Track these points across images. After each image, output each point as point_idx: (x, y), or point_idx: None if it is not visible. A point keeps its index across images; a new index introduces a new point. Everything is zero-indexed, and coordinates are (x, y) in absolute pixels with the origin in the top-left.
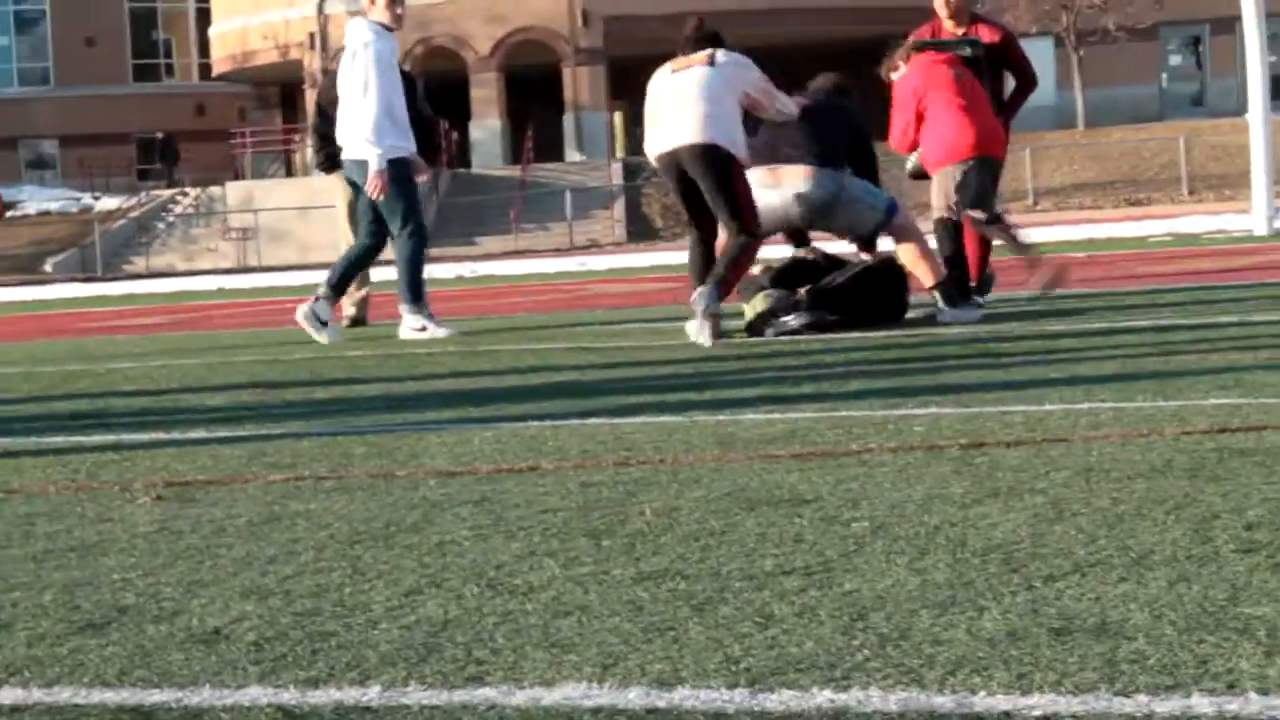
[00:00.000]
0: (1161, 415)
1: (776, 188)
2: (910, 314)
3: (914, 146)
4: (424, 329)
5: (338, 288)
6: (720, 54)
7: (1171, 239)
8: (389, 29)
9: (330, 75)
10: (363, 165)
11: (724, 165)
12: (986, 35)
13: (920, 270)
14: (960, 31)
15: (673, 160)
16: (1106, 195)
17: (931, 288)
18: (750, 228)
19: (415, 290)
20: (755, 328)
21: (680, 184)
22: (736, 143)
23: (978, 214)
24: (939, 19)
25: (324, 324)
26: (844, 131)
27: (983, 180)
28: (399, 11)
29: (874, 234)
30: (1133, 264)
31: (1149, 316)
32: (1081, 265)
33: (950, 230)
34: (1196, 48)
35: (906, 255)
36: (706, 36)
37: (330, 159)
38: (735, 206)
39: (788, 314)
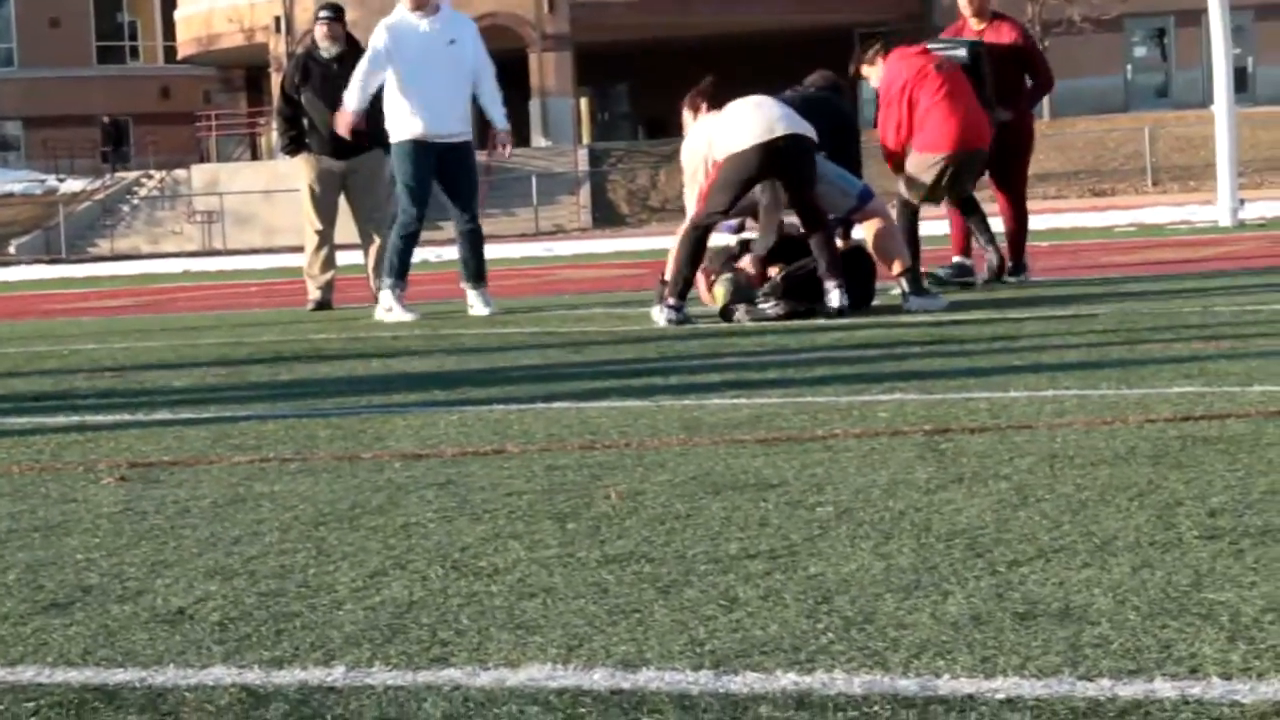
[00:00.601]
0: (1125, 403)
1: None
2: (876, 302)
3: (906, 142)
4: (390, 310)
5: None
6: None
7: (1136, 230)
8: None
9: (296, 59)
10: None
11: None
12: (1007, 34)
13: (890, 256)
14: (981, 28)
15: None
16: (1071, 186)
17: (898, 275)
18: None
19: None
20: (727, 312)
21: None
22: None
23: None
24: (964, 19)
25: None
26: (826, 120)
27: (969, 175)
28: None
29: (845, 219)
30: (1097, 254)
31: (1113, 305)
32: (1046, 255)
33: (910, 215)
34: (1161, 39)
35: (876, 241)
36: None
37: (294, 141)
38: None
39: (764, 301)
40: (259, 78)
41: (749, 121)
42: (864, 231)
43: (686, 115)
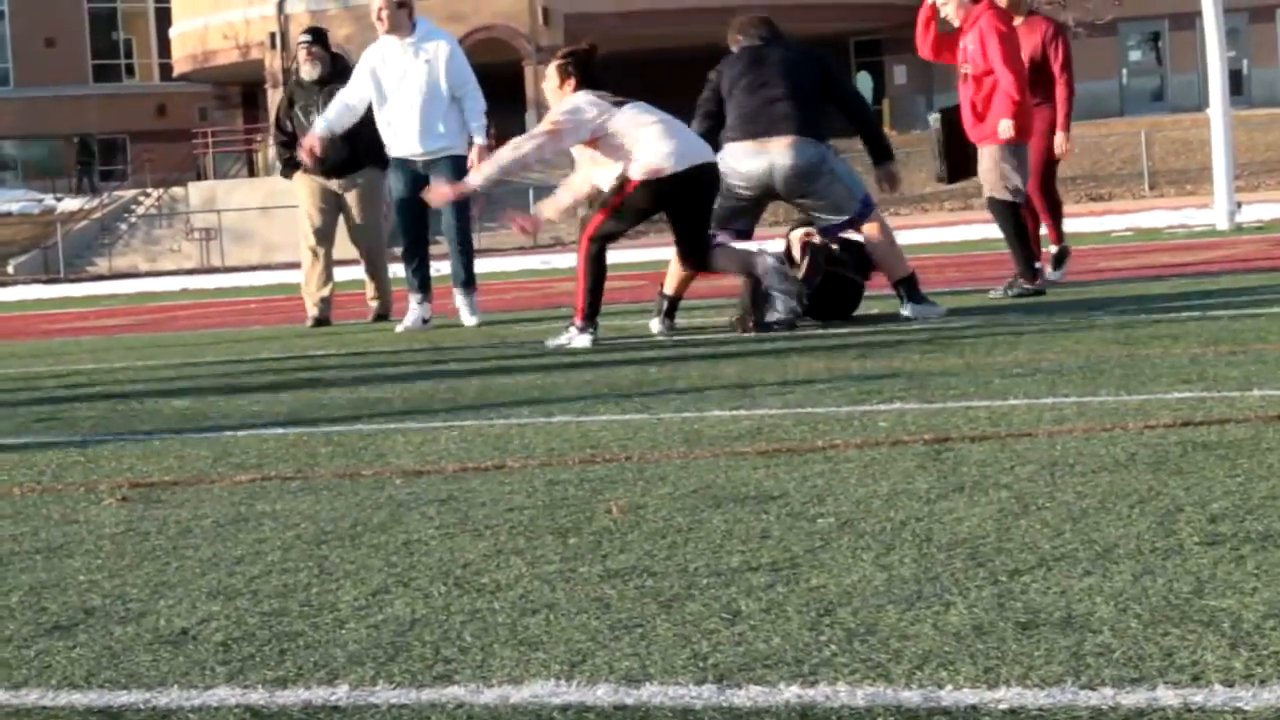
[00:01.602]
0: (1125, 409)
1: (762, 154)
2: (874, 310)
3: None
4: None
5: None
6: None
7: (1133, 234)
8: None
9: (286, 85)
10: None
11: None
12: (1041, 30)
13: (889, 265)
14: (1019, 21)
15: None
16: (1068, 191)
17: (897, 283)
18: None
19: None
20: (743, 322)
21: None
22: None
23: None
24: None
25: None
26: (822, 89)
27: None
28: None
29: (842, 227)
30: (1095, 259)
31: (1112, 311)
32: (1045, 260)
33: (1012, 210)
34: (1156, 43)
35: (878, 249)
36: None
37: (288, 164)
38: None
39: (777, 309)
40: (255, 94)
41: (671, 145)
42: (867, 238)
43: (552, 76)
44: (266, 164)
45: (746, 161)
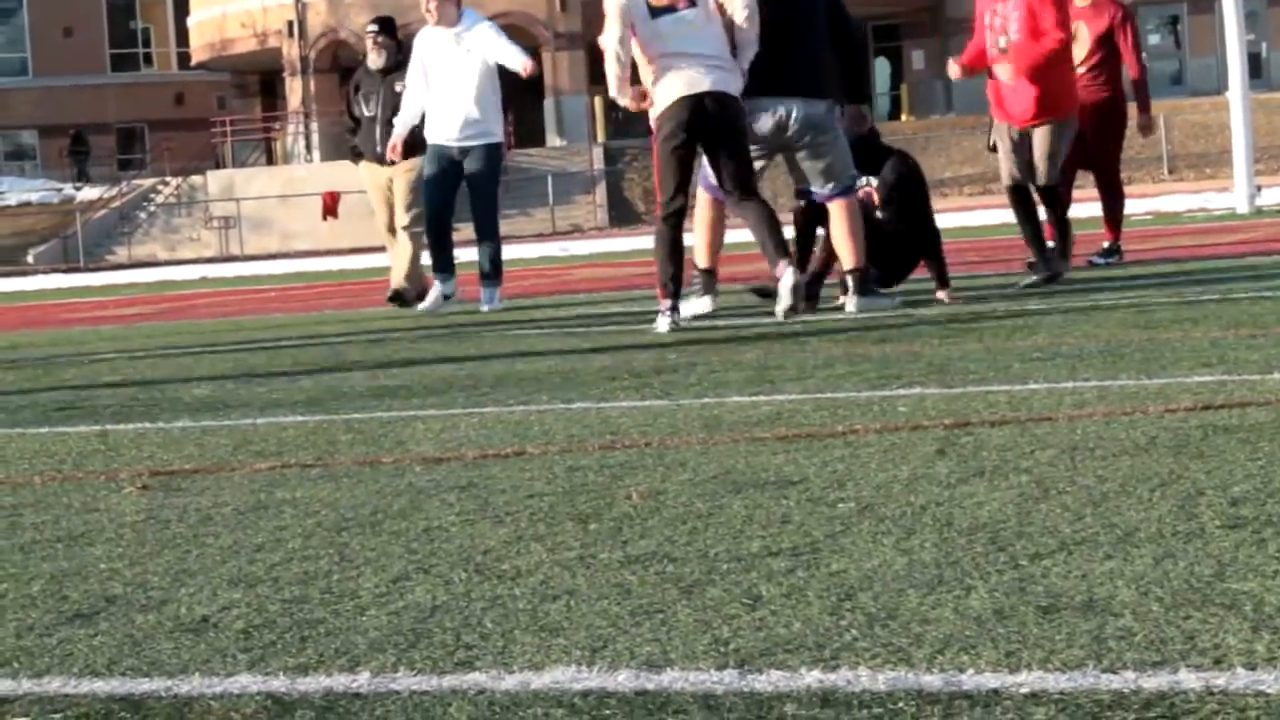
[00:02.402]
0: (1145, 393)
1: (769, 110)
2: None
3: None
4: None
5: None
6: None
7: (1153, 218)
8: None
9: (355, 74)
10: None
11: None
12: (1110, 12)
13: (845, 251)
14: (1086, 2)
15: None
16: (1087, 174)
17: (848, 272)
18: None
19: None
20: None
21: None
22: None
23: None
24: None
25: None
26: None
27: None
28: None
29: (825, 199)
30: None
31: (1132, 294)
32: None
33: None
34: (1175, 27)
35: (839, 230)
36: None
37: (353, 150)
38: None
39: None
40: (273, 82)
41: (673, 80)
42: (833, 215)
43: None
44: (285, 152)
45: (760, 118)
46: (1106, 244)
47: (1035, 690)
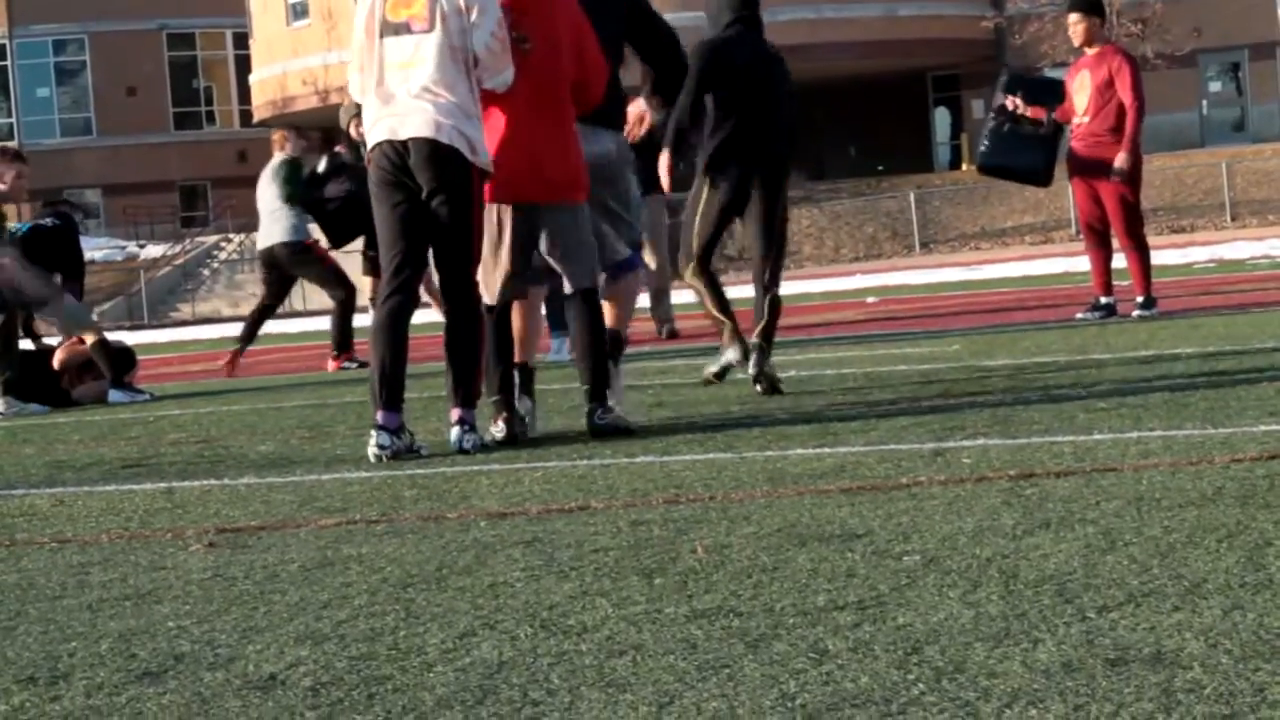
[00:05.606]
0: (1211, 443)
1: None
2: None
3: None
4: None
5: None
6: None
7: (1216, 265)
8: None
9: None
10: None
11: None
12: (1113, 61)
13: (614, 315)
14: (1092, 51)
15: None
16: (1149, 223)
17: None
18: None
19: None
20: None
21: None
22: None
23: None
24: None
25: None
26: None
27: None
28: None
29: (610, 268)
30: (1177, 291)
31: (1196, 344)
32: (1125, 293)
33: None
34: (1236, 73)
35: (616, 302)
36: None
37: None
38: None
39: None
40: (334, 138)
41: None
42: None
43: None
44: None
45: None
46: (1141, 298)
47: None
